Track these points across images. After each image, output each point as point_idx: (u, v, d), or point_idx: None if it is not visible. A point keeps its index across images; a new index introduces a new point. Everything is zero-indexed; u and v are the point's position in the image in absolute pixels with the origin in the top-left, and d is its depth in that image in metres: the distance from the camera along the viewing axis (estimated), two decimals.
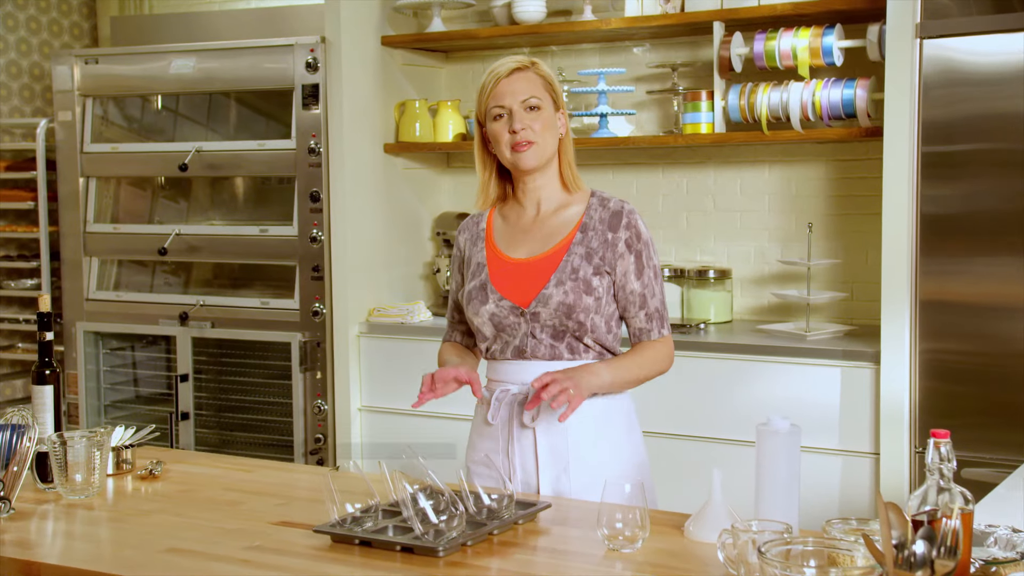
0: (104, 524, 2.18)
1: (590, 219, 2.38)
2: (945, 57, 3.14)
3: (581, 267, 2.33)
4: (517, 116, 2.34)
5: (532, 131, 2.34)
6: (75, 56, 4.55)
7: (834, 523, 1.83)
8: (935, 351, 3.21)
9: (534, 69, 2.38)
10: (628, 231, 2.36)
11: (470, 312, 2.41)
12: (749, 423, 2.31)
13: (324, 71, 4.06)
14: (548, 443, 2.35)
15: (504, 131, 2.35)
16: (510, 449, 2.37)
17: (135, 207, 4.71)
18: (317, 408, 4.13)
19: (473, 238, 2.49)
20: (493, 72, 2.37)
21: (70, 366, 4.60)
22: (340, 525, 2.00)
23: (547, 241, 2.39)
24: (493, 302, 2.37)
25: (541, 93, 2.36)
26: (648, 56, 4.16)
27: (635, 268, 2.36)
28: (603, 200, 2.41)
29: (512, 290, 2.37)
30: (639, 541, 1.91)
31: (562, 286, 2.32)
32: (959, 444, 1.92)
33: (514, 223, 2.45)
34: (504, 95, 2.35)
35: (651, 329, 2.39)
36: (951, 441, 1.65)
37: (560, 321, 2.33)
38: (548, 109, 2.37)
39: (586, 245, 2.36)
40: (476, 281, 2.42)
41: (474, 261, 2.46)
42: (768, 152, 4.00)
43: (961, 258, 3.17)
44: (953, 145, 3.16)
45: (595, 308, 2.33)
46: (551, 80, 2.40)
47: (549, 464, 2.34)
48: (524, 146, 2.34)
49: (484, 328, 2.40)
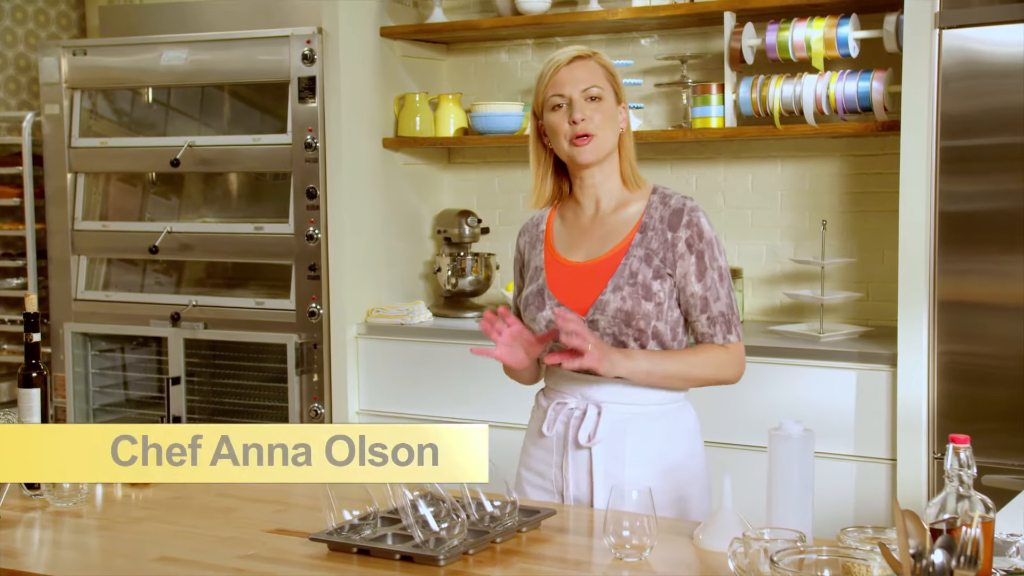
0: (93, 532, 2.18)
1: (650, 218, 2.34)
2: (965, 48, 3.14)
3: (640, 270, 2.29)
4: (578, 106, 2.30)
5: (592, 123, 2.30)
6: (63, 47, 4.55)
7: (849, 531, 1.84)
8: (954, 353, 3.21)
9: (596, 59, 2.35)
10: (689, 230, 2.31)
11: (527, 319, 2.38)
12: (761, 427, 2.30)
13: (321, 63, 4.06)
14: (604, 465, 2.32)
15: (563, 122, 2.31)
16: (564, 464, 2.35)
17: (125, 204, 4.71)
18: (314, 412, 4.13)
19: (532, 240, 2.46)
20: (553, 60, 2.34)
21: (57, 368, 4.60)
22: (337, 533, 2.00)
23: (606, 243, 2.35)
24: (551, 308, 2.33)
25: (603, 83, 2.33)
26: (656, 48, 4.16)
27: (696, 270, 2.30)
28: (664, 197, 2.36)
29: (570, 296, 2.33)
30: (647, 550, 1.91)
31: (620, 292, 2.28)
32: (979, 450, 1.92)
33: (572, 223, 2.42)
34: (564, 83, 2.31)
35: (714, 334, 2.32)
36: (971, 446, 1.65)
37: (620, 329, 2.29)
38: (610, 100, 2.33)
39: (646, 247, 2.31)
40: (534, 286, 2.39)
41: (532, 265, 2.43)
42: (780, 147, 3.99)
43: (981, 257, 3.16)
44: (973, 139, 3.16)
45: (656, 314, 2.29)
46: (613, 71, 2.36)
47: (604, 486, 2.30)
48: (583, 139, 2.30)
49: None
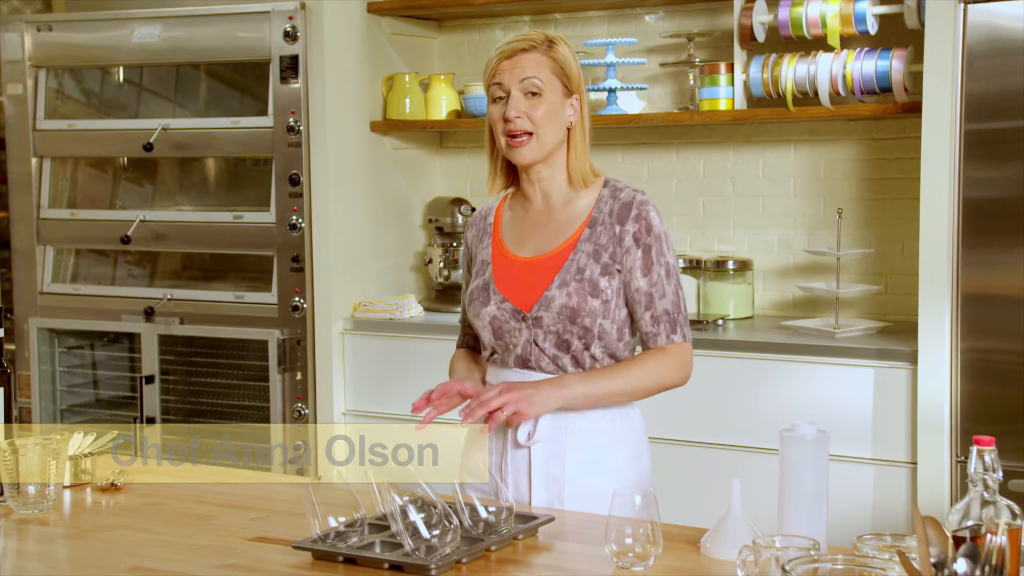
0: (60, 541, 2.18)
1: (600, 212, 2.36)
2: (991, 24, 3.14)
3: (588, 266, 2.32)
4: (513, 102, 2.32)
5: (529, 120, 2.31)
6: (26, 22, 4.54)
7: (866, 539, 1.84)
8: (978, 350, 3.21)
9: (546, 50, 2.34)
10: (637, 224, 2.33)
11: (471, 314, 2.41)
12: (772, 429, 2.31)
13: (304, 41, 4.06)
14: (543, 466, 2.35)
15: (499, 117, 2.34)
16: (503, 465, 2.38)
17: (94, 191, 4.71)
18: (297, 412, 4.13)
19: (480, 233, 2.48)
20: (498, 47, 2.36)
21: (22, 366, 4.60)
22: (322, 541, 2.00)
23: (555, 238, 2.38)
24: (495, 304, 2.36)
25: (546, 76, 2.33)
26: (661, 25, 4.16)
27: (642, 264, 2.33)
28: (615, 191, 2.38)
29: (515, 291, 2.36)
30: (651, 558, 1.92)
31: (565, 288, 2.31)
32: (1005, 453, 1.92)
33: (522, 216, 2.44)
34: (504, 73, 2.33)
35: (657, 334, 2.34)
36: (996, 449, 1.65)
37: (564, 326, 2.32)
38: (553, 95, 2.33)
39: (594, 242, 2.34)
40: (479, 280, 2.42)
41: (479, 259, 2.46)
42: (794, 130, 4.00)
43: (1007, 248, 3.17)
44: (1000, 122, 3.16)
45: (603, 312, 2.32)
46: (564, 61, 2.35)
47: (543, 488, 2.35)
48: (519, 137, 2.32)
49: (484, 333, 2.40)
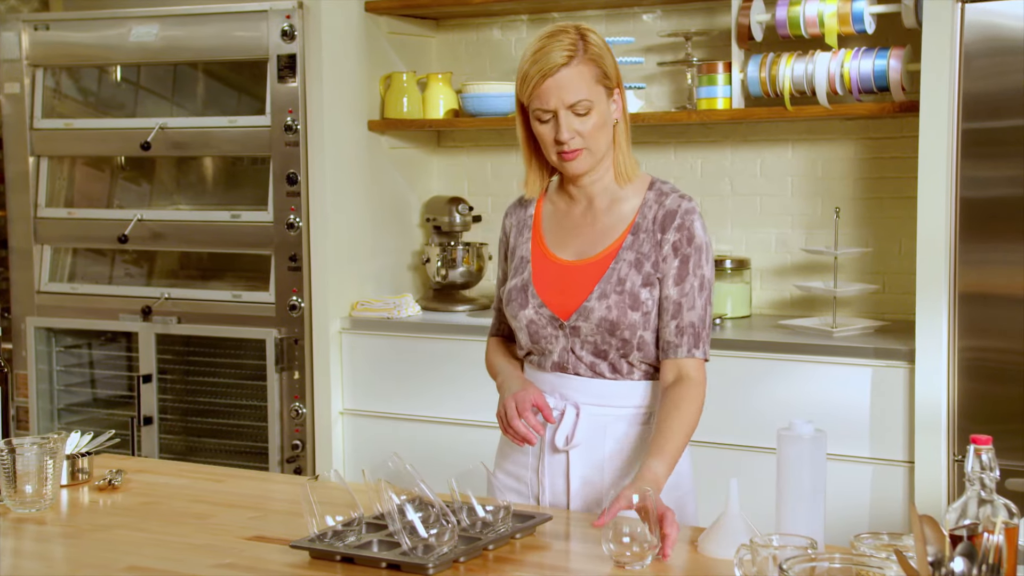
0: (57, 541, 2.18)
1: (643, 218, 2.31)
2: (990, 23, 3.14)
3: (629, 277, 2.27)
4: (564, 124, 2.23)
5: (581, 138, 2.25)
6: (23, 21, 4.54)
7: (863, 538, 1.84)
8: (975, 349, 3.21)
9: (583, 55, 2.23)
10: (679, 233, 2.28)
11: (508, 313, 2.37)
12: (770, 428, 2.31)
13: (302, 40, 4.05)
14: (581, 471, 2.32)
15: (550, 135, 2.25)
16: (540, 467, 2.36)
17: (92, 190, 4.71)
18: (295, 411, 4.13)
19: (520, 225, 2.43)
20: (538, 65, 2.22)
21: (19, 366, 4.59)
22: (320, 540, 2.00)
23: (597, 242, 2.32)
24: (533, 308, 2.32)
25: (591, 88, 2.24)
26: (659, 24, 4.16)
27: (677, 273, 2.27)
28: (660, 195, 2.32)
29: (554, 297, 2.32)
30: (649, 557, 1.92)
31: (605, 300, 2.27)
32: (1002, 452, 1.92)
33: (564, 213, 2.38)
34: (550, 97, 2.22)
35: (679, 345, 2.27)
36: (993, 448, 1.65)
37: (602, 338, 2.28)
38: (601, 104, 2.26)
39: (636, 250, 2.29)
40: (518, 280, 2.37)
41: (518, 254, 2.40)
42: (791, 130, 4.00)
43: (1005, 247, 3.17)
44: (997, 121, 3.16)
45: (643, 324, 2.27)
46: (602, 62, 2.26)
47: (580, 494, 2.32)
48: (572, 154, 2.26)
49: (520, 334, 2.37)
